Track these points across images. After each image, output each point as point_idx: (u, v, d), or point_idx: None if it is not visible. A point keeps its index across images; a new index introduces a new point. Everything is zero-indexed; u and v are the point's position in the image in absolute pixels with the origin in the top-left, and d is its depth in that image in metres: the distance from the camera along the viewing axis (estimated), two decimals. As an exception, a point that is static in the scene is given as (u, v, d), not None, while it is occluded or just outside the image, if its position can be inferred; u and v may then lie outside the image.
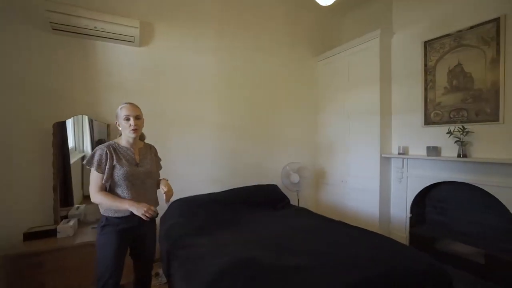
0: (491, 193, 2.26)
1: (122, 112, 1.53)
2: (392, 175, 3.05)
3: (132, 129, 1.52)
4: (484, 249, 2.41)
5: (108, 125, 2.47)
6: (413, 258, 1.66)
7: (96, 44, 2.42)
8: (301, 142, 3.76)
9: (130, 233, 1.53)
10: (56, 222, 2.16)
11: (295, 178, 3.30)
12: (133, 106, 1.57)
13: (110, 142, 1.58)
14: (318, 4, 3.66)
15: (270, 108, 3.45)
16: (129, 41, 2.48)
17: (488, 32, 2.29)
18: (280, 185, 3.33)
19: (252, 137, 3.32)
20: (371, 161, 3.07)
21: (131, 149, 1.59)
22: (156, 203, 1.67)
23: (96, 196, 1.47)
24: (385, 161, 3.02)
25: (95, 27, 2.25)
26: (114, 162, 1.48)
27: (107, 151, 1.49)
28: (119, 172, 1.48)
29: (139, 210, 1.41)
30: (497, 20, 2.23)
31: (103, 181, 1.47)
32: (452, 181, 2.53)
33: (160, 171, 1.81)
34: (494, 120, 2.25)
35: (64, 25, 2.14)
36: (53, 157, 2.18)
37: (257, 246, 1.84)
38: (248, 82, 3.27)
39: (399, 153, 2.91)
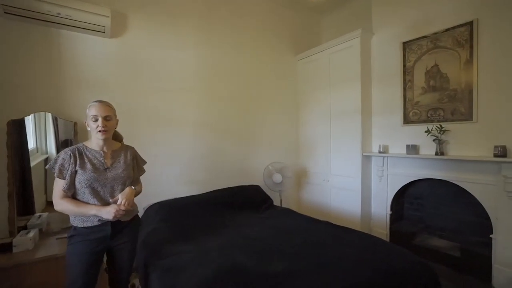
0: (466, 189, 2.36)
1: (90, 111, 1.37)
2: (373, 173, 3.10)
3: (99, 131, 1.35)
4: (459, 242, 2.52)
5: (75, 123, 2.23)
6: (403, 258, 1.66)
7: (61, 33, 2.17)
8: (283, 141, 3.72)
9: (102, 243, 1.37)
10: (12, 234, 1.89)
11: (278, 178, 3.24)
12: (103, 105, 1.39)
13: (79, 144, 1.42)
14: (299, 2, 3.68)
15: (251, 107, 3.37)
16: (99, 31, 2.26)
17: (462, 35, 2.38)
18: (262, 185, 3.25)
19: (233, 136, 3.21)
20: (353, 160, 3.10)
21: (101, 152, 1.42)
22: (132, 211, 1.50)
23: (58, 204, 1.31)
24: (366, 159, 3.06)
25: (59, 14, 2.00)
26: (77, 167, 1.32)
27: (71, 155, 1.33)
28: (81, 178, 1.32)
29: (108, 213, 1.30)
30: (470, 23, 2.33)
31: (63, 189, 1.30)
32: (429, 178, 2.62)
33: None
34: (468, 119, 2.35)
35: (20, 8, 1.88)
36: (7, 159, 1.91)
37: (244, 252, 1.74)
38: (229, 80, 3.16)
39: (379, 152, 2.96)
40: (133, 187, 1.45)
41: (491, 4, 2.22)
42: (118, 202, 1.34)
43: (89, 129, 1.39)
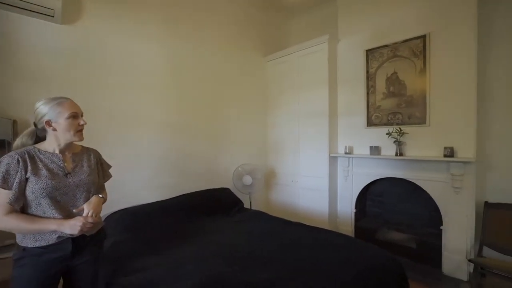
0: (420, 186, 2.60)
1: (64, 108, 1.17)
2: (339, 173, 3.24)
3: (80, 130, 1.21)
4: (415, 235, 2.77)
5: (15, 122, 1.88)
6: (377, 255, 1.75)
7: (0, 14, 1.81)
8: (252, 142, 3.68)
9: (59, 264, 1.15)
10: None
11: (247, 180, 3.19)
12: (74, 102, 1.24)
13: (28, 147, 1.17)
14: (267, 4, 3.69)
15: (220, 107, 3.26)
16: (47, 15, 1.94)
17: (417, 46, 2.62)
18: (232, 188, 3.17)
19: (201, 138, 3.06)
20: (320, 161, 3.20)
21: (60, 155, 1.20)
22: (99, 223, 1.30)
23: (2, 221, 1.06)
24: (333, 160, 3.19)
25: (-5, -10, 1.67)
26: (28, 174, 1.09)
27: (19, 159, 1.09)
28: (34, 187, 1.09)
29: (73, 227, 1.10)
30: (424, 37, 2.57)
31: (9, 201, 1.06)
32: (390, 177, 2.82)
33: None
34: (423, 123, 2.59)
35: None
36: None
37: (222, 261, 1.65)
38: (197, 78, 3.01)
39: (345, 153, 3.11)
40: (100, 195, 1.26)
41: (440, 20, 2.48)
42: (84, 213, 1.14)
43: (54, 130, 1.17)
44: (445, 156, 2.37)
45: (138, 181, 2.49)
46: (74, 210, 1.17)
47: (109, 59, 2.32)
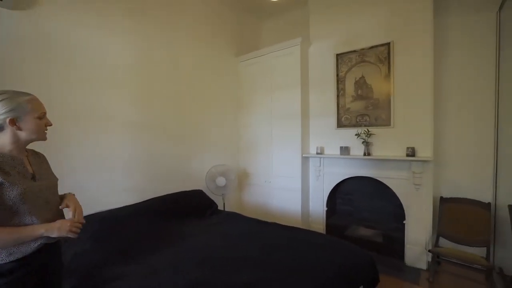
0: (386, 183, 2.77)
1: (35, 106, 1.06)
2: (311, 173, 3.33)
3: (45, 131, 1.12)
4: (381, 230, 2.95)
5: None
6: (350, 252, 1.82)
7: None
8: (224, 143, 3.63)
9: (35, 278, 1.02)
10: None
11: (221, 181, 3.14)
12: None
13: None
14: (239, 4, 3.67)
15: (192, 107, 3.16)
16: (-5, -1, 1.71)
17: (382, 53, 2.80)
18: (205, 189, 3.09)
19: (172, 138, 2.94)
20: (293, 161, 3.27)
21: (20, 157, 1.06)
22: None
23: None
24: (305, 160, 3.27)
25: None
26: (0, 179, 0.96)
27: None
28: (11, 194, 0.96)
29: (62, 228, 1.02)
30: (388, 44, 2.76)
31: None
32: (358, 176, 2.97)
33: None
34: (388, 124, 2.77)
35: None
36: None
37: (201, 265, 1.59)
38: (168, 76, 2.88)
39: (317, 153, 3.20)
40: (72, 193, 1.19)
41: (402, 29, 2.67)
42: (72, 210, 1.12)
43: (19, 130, 1.03)
44: (407, 155, 2.56)
45: (104, 184, 2.30)
46: (60, 206, 1.12)
47: (70, 51, 2.11)
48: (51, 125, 1.13)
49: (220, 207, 3.09)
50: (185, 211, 2.52)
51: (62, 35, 2.06)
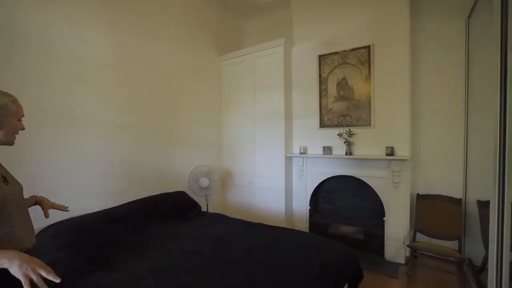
0: (367, 182, 2.86)
1: (18, 108, 1.02)
2: (294, 172, 3.36)
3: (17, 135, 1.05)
4: (362, 227, 3.04)
5: None
6: (335, 250, 1.84)
7: None
8: (207, 143, 3.56)
9: None
10: None
11: (204, 182, 3.06)
12: None
13: None
14: (222, 2, 3.62)
15: (173, 106, 3.06)
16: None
17: (363, 56, 2.89)
18: (187, 191, 3.01)
19: (153, 139, 2.82)
20: (276, 161, 3.27)
21: None
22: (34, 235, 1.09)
23: None
24: (288, 160, 3.29)
25: None
26: None
27: None
28: None
29: (22, 268, 0.76)
30: (368, 47, 2.85)
31: None
32: (340, 175, 3.04)
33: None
34: (368, 125, 2.86)
35: None
36: None
37: (186, 270, 1.53)
38: (149, 75, 2.76)
39: (300, 153, 3.23)
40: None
41: (381, 33, 2.77)
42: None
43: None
44: (387, 154, 2.66)
45: (79, 188, 2.15)
46: (47, 217, 1.12)
47: (39, 44, 1.94)
48: (23, 129, 1.06)
49: (204, 209, 3.02)
50: (168, 214, 2.43)
51: (30, 25, 1.89)
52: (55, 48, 2.02)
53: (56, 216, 1.89)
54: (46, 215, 1.23)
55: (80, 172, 2.16)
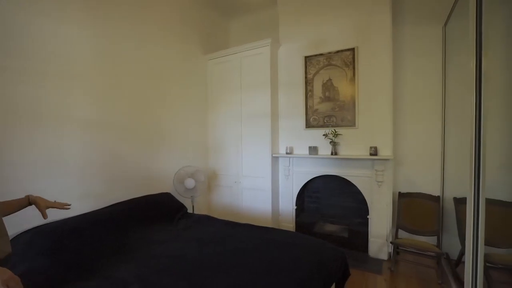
0: (351, 181, 2.93)
1: None
2: (280, 172, 3.38)
3: None
4: (346, 225, 3.11)
5: None
6: (323, 249, 1.86)
7: None
8: (193, 143, 3.49)
9: None
10: None
11: (190, 183, 3.00)
12: None
13: None
14: (208, 0, 3.57)
15: (157, 105, 2.97)
16: None
17: (348, 58, 2.96)
18: (172, 192, 2.93)
19: (136, 138, 2.72)
20: (263, 161, 3.27)
21: None
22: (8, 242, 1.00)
23: None
24: (275, 160, 3.30)
25: None
26: None
27: None
28: None
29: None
30: (353, 49, 2.92)
31: None
32: (325, 174, 3.09)
33: None
34: (353, 125, 2.93)
35: None
36: None
37: (173, 275, 1.49)
38: (132, 72, 2.66)
39: (286, 153, 3.25)
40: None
41: (365, 37, 2.85)
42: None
43: None
44: (370, 154, 2.74)
45: (59, 191, 2.02)
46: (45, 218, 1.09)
47: (16, 39, 1.81)
48: None
49: (189, 210, 2.95)
50: (153, 216, 2.35)
51: (6, 19, 1.76)
52: (32, 43, 1.90)
53: (31, 221, 1.78)
54: (44, 216, 1.17)
55: (59, 173, 2.04)
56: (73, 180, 2.14)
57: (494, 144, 2.41)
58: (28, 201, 1.17)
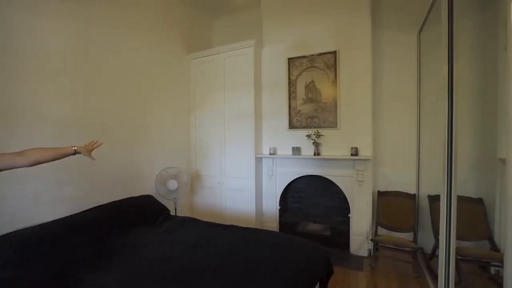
0: (333, 181, 3.01)
1: None
2: (264, 173, 3.39)
3: None
4: (329, 224, 3.18)
5: None
6: (308, 248, 1.89)
7: None
8: (175, 144, 3.42)
9: None
10: None
11: (172, 185, 2.93)
12: None
13: None
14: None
15: (138, 105, 2.88)
16: None
17: (330, 60, 3.03)
18: (154, 195, 2.85)
19: (115, 139, 2.62)
20: (246, 162, 3.27)
21: None
22: None
23: None
24: (258, 161, 3.31)
25: None
26: None
27: None
28: None
29: None
30: (334, 52, 3.00)
31: None
32: (308, 174, 3.15)
33: None
34: (334, 126, 3.01)
35: None
36: None
37: (155, 281, 1.44)
38: (111, 70, 2.56)
39: (270, 154, 3.28)
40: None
41: (346, 40, 2.94)
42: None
43: None
44: (352, 155, 2.83)
45: (30, 195, 1.89)
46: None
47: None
48: None
49: (172, 213, 2.89)
50: (134, 220, 2.27)
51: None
52: (3, 36, 1.76)
53: (1, 228, 1.66)
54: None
55: (30, 176, 1.91)
56: (49, 183, 2.02)
57: (464, 145, 2.59)
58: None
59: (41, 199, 1.95)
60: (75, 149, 1.39)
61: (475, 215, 2.41)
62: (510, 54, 1.27)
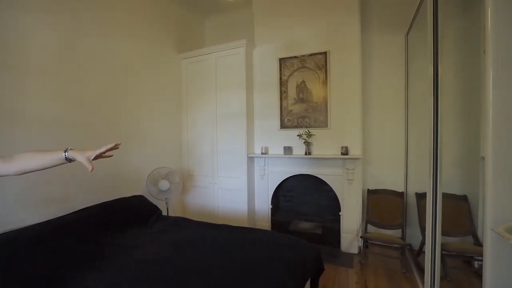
0: (324, 180, 3.05)
1: None
2: (256, 172, 3.41)
3: None
4: (320, 222, 3.23)
5: None
6: (299, 247, 1.92)
7: None
8: (167, 144, 3.40)
9: None
10: None
11: (164, 184, 2.92)
12: None
13: None
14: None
15: (128, 104, 2.85)
16: None
17: (320, 61, 3.07)
18: (145, 195, 2.83)
19: (105, 139, 2.58)
20: (238, 162, 3.28)
21: None
22: None
23: None
24: (250, 160, 3.33)
25: None
26: None
27: None
28: None
29: None
30: (325, 53, 3.04)
31: None
32: (300, 173, 3.19)
33: None
34: (325, 126, 3.05)
35: None
36: None
37: (147, 283, 1.43)
38: (98, 68, 2.52)
39: (262, 153, 3.30)
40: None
41: (336, 42, 2.99)
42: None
43: None
44: (342, 154, 2.88)
45: (13, 196, 1.85)
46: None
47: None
48: None
49: (164, 213, 2.87)
50: (125, 220, 2.25)
51: None
52: (-18, 33, 1.72)
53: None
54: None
55: (17, 177, 1.87)
56: (34, 183, 1.98)
57: (449, 144, 2.67)
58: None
59: (27, 199, 1.91)
60: (65, 155, 1.01)
61: (459, 211, 2.49)
62: (488, 57, 1.33)
